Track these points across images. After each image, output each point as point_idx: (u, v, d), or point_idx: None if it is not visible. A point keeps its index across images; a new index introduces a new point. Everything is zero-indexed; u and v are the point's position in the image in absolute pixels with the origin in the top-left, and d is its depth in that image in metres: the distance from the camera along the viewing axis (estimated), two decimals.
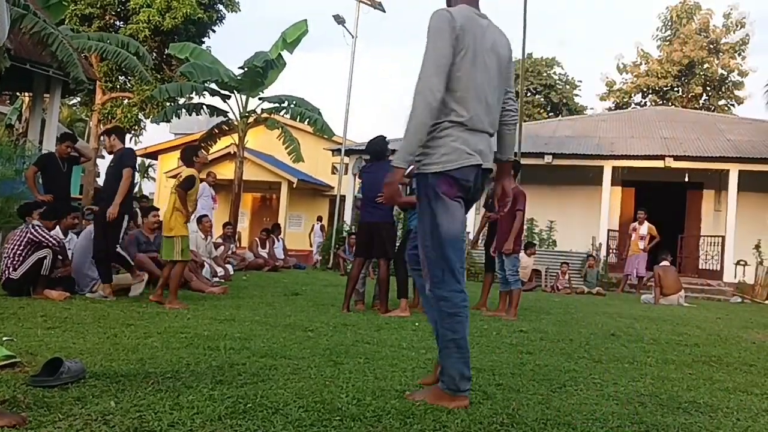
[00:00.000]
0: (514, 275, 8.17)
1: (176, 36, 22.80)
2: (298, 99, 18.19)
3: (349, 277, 7.82)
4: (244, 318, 6.25)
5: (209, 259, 10.66)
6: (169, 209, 7.33)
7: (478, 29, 3.19)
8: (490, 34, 3.25)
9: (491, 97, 3.24)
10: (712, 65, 35.86)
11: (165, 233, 7.37)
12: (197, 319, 6.04)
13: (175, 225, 7.25)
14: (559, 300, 11.60)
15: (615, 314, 9.15)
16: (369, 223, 7.67)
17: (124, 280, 7.88)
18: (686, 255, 18.84)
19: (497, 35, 3.31)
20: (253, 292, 9.25)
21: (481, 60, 3.17)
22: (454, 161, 3.13)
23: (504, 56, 3.32)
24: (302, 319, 6.45)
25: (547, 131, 21.05)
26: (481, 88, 3.18)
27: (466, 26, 3.12)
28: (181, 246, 7.23)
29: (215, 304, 7.49)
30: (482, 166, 3.22)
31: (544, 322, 7.55)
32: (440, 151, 3.14)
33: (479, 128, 3.20)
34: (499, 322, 7.11)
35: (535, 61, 37.87)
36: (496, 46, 3.27)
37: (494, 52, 3.25)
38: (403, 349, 4.92)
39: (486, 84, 3.20)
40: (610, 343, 5.98)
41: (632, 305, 11.38)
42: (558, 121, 25.00)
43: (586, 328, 7.07)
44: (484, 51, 3.19)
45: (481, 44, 3.17)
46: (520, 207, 8.10)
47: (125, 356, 4.01)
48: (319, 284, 11.60)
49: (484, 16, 3.29)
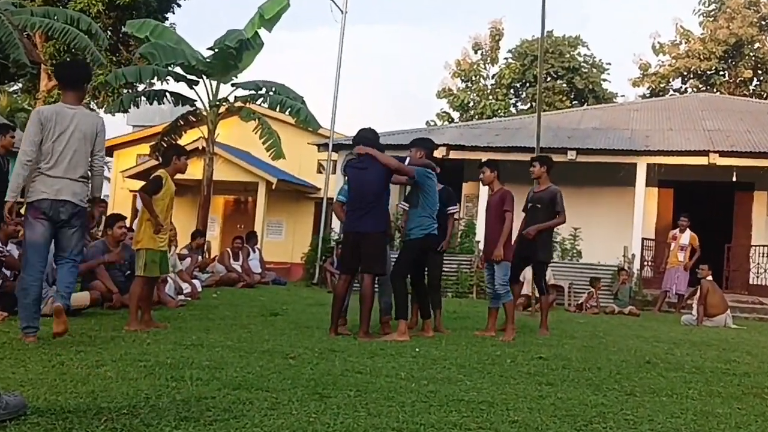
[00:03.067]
0: (505, 285, 8.28)
1: (135, 11, 22.81)
2: (277, 85, 18.20)
3: (334, 296, 7.80)
4: (214, 343, 6.24)
5: (173, 274, 10.65)
6: (139, 218, 7.55)
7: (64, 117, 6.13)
8: (75, 118, 6.15)
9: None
10: (764, 45, 36.01)
11: (133, 246, 7.61)
12: (159, 344, 6.03)
13: (143, 236, 7.40)
14: (585, 321, 11.60)
15: (651, 338, 9.15)
16: (356, 234, 7.54)
17: (80, 300, 7.91)
18: (734, 268, 18.83)
19: (82, 118, 6.21)
20: (224, 312, 9.23)
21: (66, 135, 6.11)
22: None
23: (88, 132, 6.20)
24: (282, 344, 6.44)
25: (571, 122, 21.09)
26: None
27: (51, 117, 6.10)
28: (145, 260, 7.36)
29: (180, 326, 7.48)
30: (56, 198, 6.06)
31: (567, 347, 7.55)
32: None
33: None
34: (513, 348, 7.11)
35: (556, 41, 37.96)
36: (79, 125, 6.15)
37: (78, 130, 6.14)
38: (401, 379, 4.92)
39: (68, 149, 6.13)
40: (645, 373, 5.98)
41: (671, 327, 11.39)
42: (583, 110, 25.05)
43: (616, 355, 7.07)
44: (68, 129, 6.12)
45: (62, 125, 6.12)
46: (508, 208, 8.29)
47: (74, 388, 4.00)
48: (303, 303, 11.59)
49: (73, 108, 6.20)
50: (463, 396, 4.50)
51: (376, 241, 7.49)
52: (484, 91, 38.85)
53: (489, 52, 39.28)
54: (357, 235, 7.52)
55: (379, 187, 7.52)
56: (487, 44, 39.17)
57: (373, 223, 7.47)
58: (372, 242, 7.46)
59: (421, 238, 7.77)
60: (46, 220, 6.02)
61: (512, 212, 8.32)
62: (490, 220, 8.54)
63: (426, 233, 7.78)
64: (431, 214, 7.86)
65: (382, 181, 7.55)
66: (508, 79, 37.81)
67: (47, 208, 6.02)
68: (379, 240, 7.52)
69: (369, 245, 7.45)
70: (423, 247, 7.86)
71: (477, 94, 38.73)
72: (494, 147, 17.36)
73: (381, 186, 7.55)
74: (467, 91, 38.71)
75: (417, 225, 7.79)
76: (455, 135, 19.72)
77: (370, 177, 7.50)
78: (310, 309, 10.51)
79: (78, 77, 6.42)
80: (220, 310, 9.57)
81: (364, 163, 7.58)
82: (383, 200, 7.61)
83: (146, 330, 6.96)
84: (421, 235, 7.77)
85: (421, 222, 7.78)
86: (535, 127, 13.23)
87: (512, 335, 8.01)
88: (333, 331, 7.48)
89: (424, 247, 7.89)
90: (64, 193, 6.06)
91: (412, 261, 7.86)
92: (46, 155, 6.06)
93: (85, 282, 8.80)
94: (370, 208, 7.45)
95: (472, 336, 8.09)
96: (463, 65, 39.12)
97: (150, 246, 7.38)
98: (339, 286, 7.82)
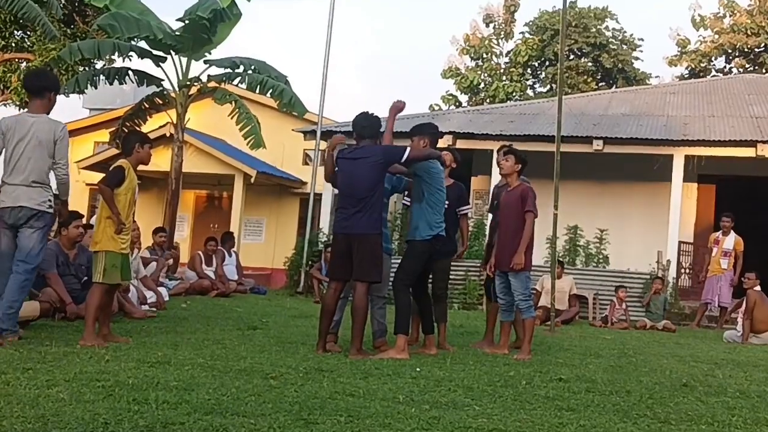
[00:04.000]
0: (527, 300, 8.27)
1: None
2: (258, 63, 18.18)
3: (322, 307, 7.76)
4: (183, 360, 6.24)
5: (135, 281, 10.65)
6: (98, 216, 7.55)
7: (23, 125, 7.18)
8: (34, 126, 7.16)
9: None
10: None
11: (91, 248, 7.63)
12: (119, 361, 6.04)
13: (102, 237, 7.41)
14: (613, 337, 11.62)
15: (688, 357, 9.17)
16: (348, 235, 7.50)
17: (28, 311, 7.92)
18: None
19: (40, 126, 7.18)
20: (195, 325, 9.24)
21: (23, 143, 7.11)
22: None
23: (44, 139, 7.15)
24: (262, 362, 6.45)
25: (597, 107, 21.10)
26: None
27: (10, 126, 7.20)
28: (104, 264, 7.35)
29: (144, 341, 7.49)
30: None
31: (592, 367, 7.57)
32: None
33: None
34: (529, 368, 7.13)
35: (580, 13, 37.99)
36: (37, 133, 7.11)
37: (35, 137, 7.10)
38: (398, 403, 4.92)
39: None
40: (682, 397, 6.00)
41: (712, 345, 11.40)
42: (611, 93, 25.07)
43: (648, 376, 7.08)
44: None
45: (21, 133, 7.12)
46: (530, 207, 8.20)
47: (21, 412, 4.00)
48: (286, 315, 11.60)
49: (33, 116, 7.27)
50: (471, 423, 4.50)
51: (370, 245, 7.44)
52: (496, 71, 38.83)
53: (503, 25, 39.26)
54: (348, 238, 7.49)
55: (371, 181, 7.46)
56: (500, 16, 39.12)
57: (367, 224, 7.42)
58: (366, 246, 7.41)
59: (429, 240, 7.74)
60: (8, 229, 7.07)
61: (535, 213, 8.25)
62: (505, 220, 8.45)
63: (433, 234, 7.74)
64: (439, 210, 7.83)
65: (377, 173, 7.50)
66: (525, 56, 37.76)
67: (8, 217, 7.05)
68: (374, 243, 7.48)
69: (362, 250, 7.40)
70: (431, 251, 7.83)
71: (488, 74, 38.73)
72: (508, 135, 17.28)
73: (374, 179, 7.49)
74: (477, 71, 38.70)
75: (423, 224, 7.73)
76: (463, 121, 19.71)
77: (361, 169, 7.46)
78: (295, 322, 10.51)
79: (42, 86, 7.38)
80: (190, 322, 9.57)
81: (356, 153, 7.59)
82: (378, 196, 7.54)
83: (105, 345, 6.97)
84: (428, 237, 7.73)
85: (428, 220, 7.73)
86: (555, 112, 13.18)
87: (528, 355, 8.03)
88: (321, 347, 7.48)
89: (432, 251, 7.85)
90: (21, 199, 7.04)
91: (420, 267, 7.83)
92: (6, 164, 7.11)
93: (34, 289, 8.79)
94: (362, 206, 7.40)
95: (481, 354, 8.10)
96: (473, 40, 39.09)
97: (110, 248, 7.37)
98: (328, 296, 7.80)
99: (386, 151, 7.67)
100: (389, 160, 7.58)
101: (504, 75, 38.44)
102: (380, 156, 7.53)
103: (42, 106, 7.28)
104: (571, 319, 14.14)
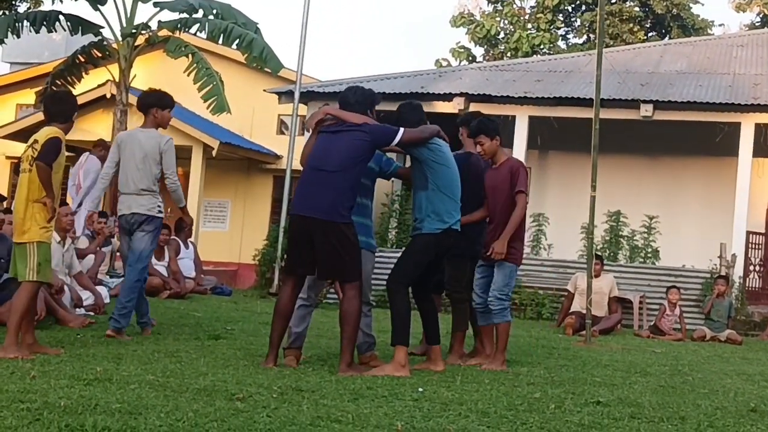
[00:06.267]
0: (501, 300, 8.31)
1: None
2: (221, 6, 18.10)
3: (274, 310, 7.65)
4: (128, 377, 6.25)
5: (67, 277, 10.64)
6: (21, 200, 7.42)
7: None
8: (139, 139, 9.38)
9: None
10: None
11: (16, 239, 7.49)
12: (48, 377, 6.04)
13: (31, 225, 7.35)
14: (664, 350, 11.65)
15: (758, 376, 9.22)
16: (307, 219, 7.35)
17: None
18: None
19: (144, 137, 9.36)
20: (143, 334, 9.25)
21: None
22: None
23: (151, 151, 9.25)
24: (226, 379, 6.46)
25: (646, 63, 21.08)
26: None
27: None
28: (37, 258, 7.32)
29: (79, 352, 7.48)
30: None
31: (637, 387, 7.60)
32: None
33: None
34: (559, 388, 7.15)
35: None
36: (144, 146, 9.27)
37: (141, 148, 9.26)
38: (395, 431, 4.94)
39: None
40: (750, 425, 6.03)
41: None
42: (664, 45, 25.08)
43: (708, 399, 7.11)
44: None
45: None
46: (521, 187, 8.25)
47: None
48: (256, 321, 11.61)
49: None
50: None
51: (335, 234, 7.30)
52: (520, 17, 38.81)
53: None
54: (307, 222, 7.36)
55: (347, 154, 7.38)
56: None
57: (331, 207, 7.27)
58: (331, 237, 7.29)
59: (437, 234, 7.68)
60: (126, 235, 9.51)
61: (527, 193, 8.31)
62: (493, 205, 8.45)
63: (444, 228, 7.67)
64: (454, 193, 7.77)
65: (358, 150, 7.42)
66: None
67: (125, 222, 9.42)
68: (342, 231, 7.33)
69: (325, 241, 7.29)
70: (439, 248, 7.80)
71: (510, 22, 38.71)
72: (534, 98, 17.25)
73: (353, 154, 7.40)
74: (495, 17, 38.69)
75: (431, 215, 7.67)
76: (478, 80, 19.65)
77: (340, 141, 7.44)
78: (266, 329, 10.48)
79: (146, 104, 9.55)
80: (136, 329, 9.57)
81: (340, 127, 7.52)
82: (353, 175, 7.42)
83: (30, 357, 6.94)
84: (436, 230, 7.67)
85: (437, 210, 7.67)
86: (593, 69, 13.15)
87: (502, 365, 8.10)
88: (270, 360, 7.42)
89: (441, 249, 7.82)
90: (134, 206, 9.33)
91: (422, 266, 7.78)
92: (121, 174, 9.46)
93: None
94: (330, 181, 7.28)
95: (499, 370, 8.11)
96: None
97: (42, 239, 7.36)
98: (281, 296, 7.74)
99: (375, 130, 7.57)
100: (377, 140, 7.53)
101: (529, 22, 38.39)
102: (366, 134, 7.48)
103: (150, 121, 9.50)
104: (612, 328, 14.15)
